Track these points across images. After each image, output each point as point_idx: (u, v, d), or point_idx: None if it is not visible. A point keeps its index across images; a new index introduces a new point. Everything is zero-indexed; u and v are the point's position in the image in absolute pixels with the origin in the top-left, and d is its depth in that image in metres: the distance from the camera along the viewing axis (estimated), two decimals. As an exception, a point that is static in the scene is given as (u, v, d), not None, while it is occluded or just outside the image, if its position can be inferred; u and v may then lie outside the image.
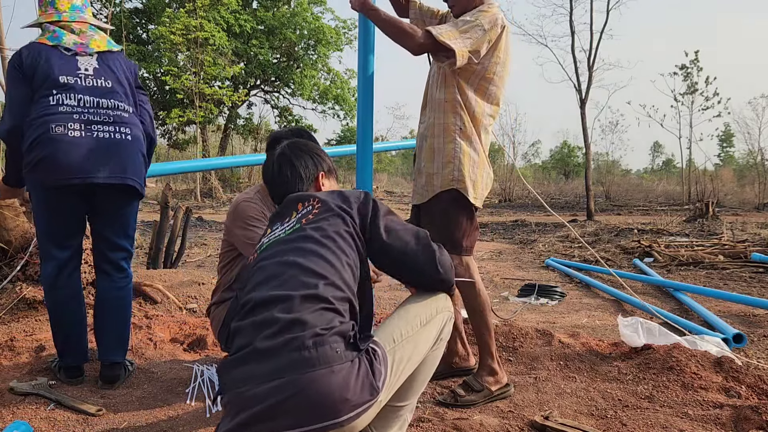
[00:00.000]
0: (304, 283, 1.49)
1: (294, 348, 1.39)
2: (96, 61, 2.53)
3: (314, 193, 1.78)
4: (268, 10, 25.74)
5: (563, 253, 8.55)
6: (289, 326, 1.42)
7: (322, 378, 1.37)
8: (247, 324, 1.49)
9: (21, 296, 3.58)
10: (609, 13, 17.83)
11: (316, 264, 1.53)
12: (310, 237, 1.59)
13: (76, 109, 2.40)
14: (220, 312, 2.44)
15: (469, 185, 2.41)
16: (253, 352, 1.43)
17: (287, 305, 1.46)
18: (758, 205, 20.86)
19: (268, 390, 1.37)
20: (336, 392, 1.37)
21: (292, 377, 1.37)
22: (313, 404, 1.36)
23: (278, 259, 1.59)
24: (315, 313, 1.45)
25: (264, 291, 1.52)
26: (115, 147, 2.45)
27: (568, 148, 40.12)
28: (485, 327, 2.46)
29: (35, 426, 1.99)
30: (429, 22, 2.65)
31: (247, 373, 1.41)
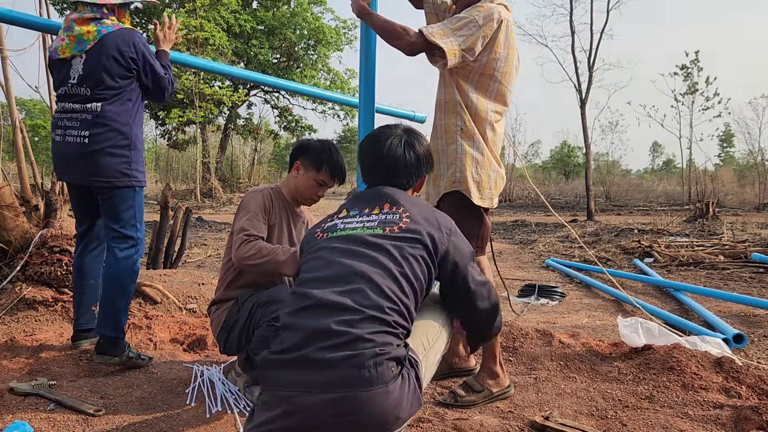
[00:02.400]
0: (373, 302, 1.50)
1: (354, 365, 1.41)
2: (82, 65, 2.73)
3: (404, 203, 1.75)
4: (268, 10, 25.73)
5: (563, 254, 8.55)
6: (350, 343, 1.44)
7: (379, 397, 1.41)
8: (301, 325, 1.50)
9: (21, 296, 3.58)
10: (609, 13, 17.85)
11: (389, 286, 1.55)
12: (390, 254, 1.60)
13: (61, 115, 2.76)
14: (220, 314, 2.44)
15: (472, 187, 2.37)
16: (306, 359, 1.44)
17: (350, 319, 1.46)
18: (758, 205, 20.85)
19: (322, 402, 1.39)
20: (391, 411, 1.43)
21: (349, 394, 1.39)
22: (368, 423, 1.41)
23: (352, 263, 1.58)
24: (377, 334, 1.47)
25: (328, 291, 1.52)
26: (76, 150, 2.69)
27: (568, 148, 40.12)
28: None
29: (35, 426, 1.99)
30: (442, 16, 2.61)
31: (298, 379, 1.43)
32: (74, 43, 2.72)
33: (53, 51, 2.78)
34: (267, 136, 31.18)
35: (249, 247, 2.27)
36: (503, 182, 2.51)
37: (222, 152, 28.50)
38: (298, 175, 2.52)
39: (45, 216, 4.14)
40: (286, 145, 33.48)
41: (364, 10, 2.46)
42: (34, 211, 4.13)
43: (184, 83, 20.85)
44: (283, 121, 28.00)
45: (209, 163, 24.85)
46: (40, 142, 28.41)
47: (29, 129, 23.21)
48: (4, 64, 3.95)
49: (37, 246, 3.84)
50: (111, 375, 2.55)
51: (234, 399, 2.31)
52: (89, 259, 2.96)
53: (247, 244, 2.28)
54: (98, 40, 2.69)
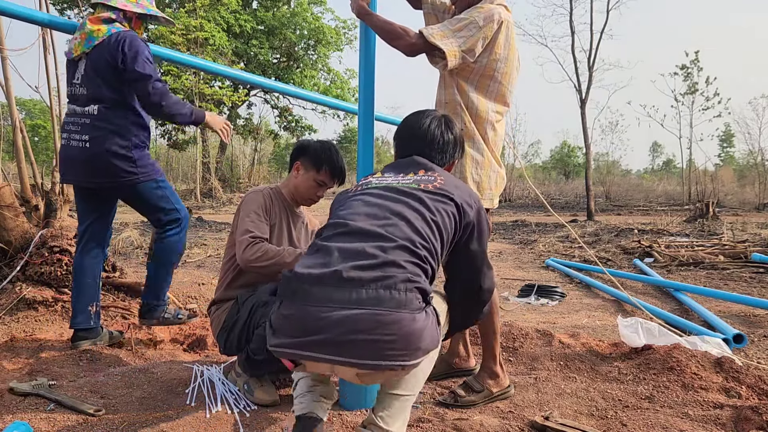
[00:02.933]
0: (407, 235, 1.57)
1: (384, 286, 1.46)
2: (84, 65, 2.78)
3: (438, 171, 1.85)
4: (268, 10, 25.74)
5: (563, 254, 8.55)
6: (383, 265, 1.49)
7: (405, 320, 1.44)
8: (334, 247, 1.54)
9: (21, 296, 3.58)
10: (609, 13, 17.87)
11: (421, 226, 1.62)
12: (423, 202, 1.67)
13: (67, 118, 2.84)
14: (220, 314, 2.44)
15: (471, 187, 2.36)
16: (337, 275, 1.47)
17: (385, 245, 1.53)
18: (758, 205, 20.86)
19: (348, 317, 1.42)
20: (414, 337, 1.45)
21: (377, 311, 1.43)
22: (390, 342, 1.42)
23: (387, 204, 1.66)
24: (408, 263, 1.52)
25: (364, 223, 1.60)
26: (77, 154, 2.76)
27: (568, 148, 40.13)
28: (492, 330, 2.43)
29: (35, 426, 1.99)
30: (441, 17, 2.61)
31: (327, 295, 1.45)
32: (84, 40, 2.75)
33: (68, 51, 2.83)
34: (267, 136, 31.19)
35: (255, 250, 2.27)
36: (504, 182, 2.51)
37: (222, 152, 28.50)
38: (298, 175, 2.53)
39: (45, 216, 4.14)
40: (286, 145, 33.48)
41: (364, 10, 2.46)
42: (34, 211, 4.13)
43: (184, 83, 20.85)
44: (283, 121, 28.01)
45: (209, 163, 24.86)
46: (40, 142, 28.41)
47: (29, 129, 23.21)
48: (4, 64, 3.95)
49: (37, 246, 3.84)
50: (111, 375, 2.54)
51: (234, 399, 2.30)
52: (89, 258, 2.97)
53: (253, 247, 2.28)
54: (103, 39, 2.71)
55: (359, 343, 1.42)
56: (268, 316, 2.20)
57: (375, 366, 1.44)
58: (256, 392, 2.31)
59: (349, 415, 2.15)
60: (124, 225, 10.79)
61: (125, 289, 4.16)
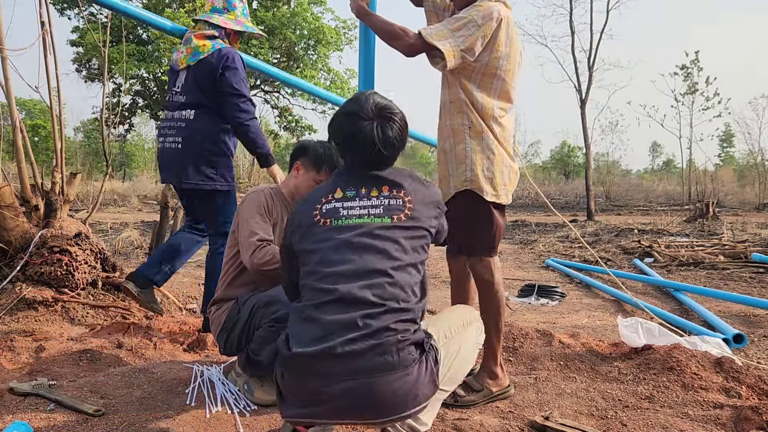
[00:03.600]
0: (393, 295, 1.61)
1: (378, 353, 1.53)
2: (186, 75, 3.06)
3: (404, 184, 1.79)
4: (268, 10, 25.73)
5: (563, 254, 8.55)
6: (374, 333, 1.55)
7: (400, 380, 1.54)
8: (325, 319, 1.58)
9: (21, 296, 3.58)
10: (609, 13, 17.87)
11: (402, 277, 1.65)
12: (401, 245, 1.68)
13: (163, 123, 3.10)
14: (220, 314, 2.44)
15: (484, 184, 2.34)
16: (332, 351, 1.53)
17: (372, 312, 1.57)
18: (758, 205, 20.86)
19: (347, 389, 1.52)
20: (410, 392, 1.55)
21: (374, 379, 1.52)
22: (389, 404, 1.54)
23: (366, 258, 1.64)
24: (397, 323, 1.58)
25: (349, 286, 1.60)
26: (172, 155, 3.03)
27: (568, 148, 40.11)
28: (495, 330, 2.42)
29: (35, 426, 1.99)
30: (442, 15, 2.59)
31: (324, 369, 1.53)
32: (190, 54, 3.03)
33: (174, 62, 3.12)
34: (267, 136, 31.16)
35: (263, 253, 2.27)
36: (517, 177, 2.49)
37: (222, 152, 28.44)
38: (298, 175, 2.52)
39: (45, 216, 4.14)
40: (286, 145, 33.48)
41: (363, 10, 2.46)
42: (34, 211, 4.13)
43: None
44: (283, 121, 28.00)
45: (209, 163, 24.82)
46: (40, 142, 28.40)
47: (29, 129, 23.21)
48: (4, 64, 3.95)
49: (37, 246, 3.84)
50: (111, 375, 2.54)
51: (234, 399, 2.30)
52: (188, 234, 3.30)
53: (261, 250, 2.28)
54: (208, 55, 2.98)
55: (362, 408, 1.54)
56: (268, 316, 2.21)
57: (381, 423, 1.58)
58: (256, 392, 2.31)
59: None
60: (124, 225, 10.79)
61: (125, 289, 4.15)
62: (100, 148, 25.77)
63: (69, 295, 3.76)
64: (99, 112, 19.32)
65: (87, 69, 25.09)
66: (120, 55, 18.72)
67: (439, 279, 6.36)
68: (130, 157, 41.15)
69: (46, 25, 4.06)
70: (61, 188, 4.22)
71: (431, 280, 6.39)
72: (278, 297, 2.23)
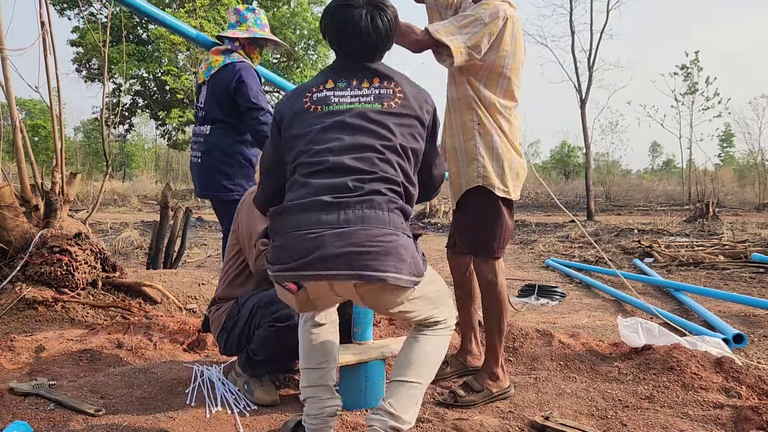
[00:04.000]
0: (383, 168, 1.66)
1: (369, 206, 1.58)
2: (206, 90, 3.19)
3: (394, 77, 1.82)
4: (268, 10, 25.74)
5: (563, 253, 8.55)
6: (366, 193, 1.60)
7: (390, 236, 1.57)
8: (316, 183, 1.62)
9: (21, 296, 3.58)
10: (609, 13, 17.87)
11: (392, 156, 1.69)
12: (391, 130, 1.72)
13: (192, 138, 3.29)
14: (220, 314, 2.44)
15: (495, 180, 2.34)
16: (322, 202, 1.58)
17: (365, 178, 1.62)
18: (758, 205, 20.87)
19: (335, 234, 1.54)
20: (400, 250, 1.58)
21: (363, 227, 1.55)
22: (379, 254, 1.54)
23: (358, 138, 1.68)
24: (389, 190, 1.64)
25: (340, 158, 1.64)
26: (195, 168, 3.24)
27: (568, 148, 40.12)
28: (498, 331, 2.42)
29: (35, 426, 1.99)
30: (444, 13, 2.58)
31: (315, 219, 1.57)
32: (206, 69, 3.17)
33: (197, 78, 3.29)
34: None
35: None
36: (525, 172, 2.49)
37: (222, 152, 28.45)
38: None
39: (45, 216, 4.14)
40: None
41: None
42: (34, 211, 4.13)
43: (184, 83, 20.85)
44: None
45: (209, 163, 24.82)
46: (40, 142, 28.41)
47: (29, 129, 23.22)
48: (4, 64, 3.95)
49: (37, 246, 3.84)
50: (111, 375, 2.54)
51: (234, 399, 2.30)
52: None
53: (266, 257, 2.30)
54: (219, 69, 3.07)
55: (353, 255, 1.53)
56: (268, 316, 2.21)
57: (368, 277, 1.54)
58: (256, 392, 2.31)
59: (349, 415, 2.15)
60: (124, 225, 10.80)
61: (125, 289, 4.15)
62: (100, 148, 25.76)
63: (69, 295, 3.76)
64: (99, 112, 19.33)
65: (87, 69, 25.09)
66: (120, 55, 18.73)
67: (439, 279, 6.36)
68: (130, 157, 41.16)
69: (46, 25, 4.06)
70: (61, 188, 4.21)
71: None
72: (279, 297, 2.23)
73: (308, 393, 1.87)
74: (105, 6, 22.71)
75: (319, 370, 1.87)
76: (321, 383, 1.86)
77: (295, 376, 2.57)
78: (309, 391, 1.87)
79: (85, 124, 41.74)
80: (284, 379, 2.56)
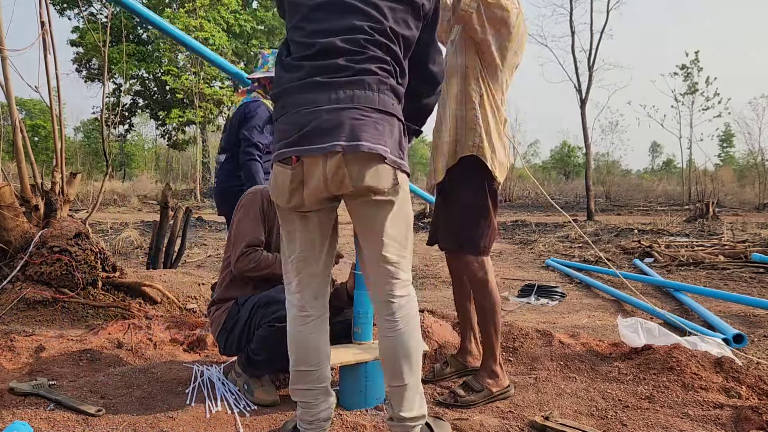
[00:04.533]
0: (371, 48, 1.69)
1: (359, 87, 1.64)
2: (227, 125, 3.64)
3: None
4: (268, 10, 25.73)
5: (563, 254, 8.55)
6: (357, 72, 1.65)
7: (378, 115, 1.65)
8: (308, 65, 1.68)
9: (21, 296, 3.58)
10: (609, 13, 17.87)
11: (380, 37, 1.71)
12: (382, 11, 1.73)
13: None
14: (219, 314, 2.44)
15: (487, 152, 2.35)
16: (314, 82, 1.65)
17: (356, 58, 1.66)
18: (758, 205, 20.87)
19: (329, 109, 1.62)
20: (387, 131, 1.66)
21: (354, 106, 1.63)
22: (365, 129, 1.62)
23: (348, 19, 1.70)
24: (378, 68, 1.68)
25: (331, 40, 1.68)
26: (214, 191, 3.98)
27: (568, 148, 40.13)
28: (493, 328, 2.42)
29: (35, 426, 1.99)
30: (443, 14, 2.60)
31: (310, 98, 1.64)
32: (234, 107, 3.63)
33: None
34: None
35: (248, 260, 2.34)
36: (507, 162, 2.50)
37: (222, 152, 28.45)
38: None
39: (45, 216, 4.14)
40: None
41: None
42: (34, 211, 4.13)
43: (184, 83, 20.85)
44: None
45: (209, 163, 24.86)
46: (40, 142, 28.41)
47: (29, 129, 23.22)
48: (4, 64, 3.95)
49: (37, 246, 3.84)
50: (111, 375, 2.54)
51: (234, 399, 2.30)
52: None
53: (247, 257, 2.35)
54: (239, 107, 3.44)
55: (344, 128, 1.61)
56: (268, 316, 2.21)
57: (359, 146, 1.60)
58: (256, 392, 2.31)
59: (348, 415, 2.15)
60: (124, 225, 10.80)
61: (125, 289, 4.16)
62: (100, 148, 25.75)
63: (69, 295, 3.76)
64: (99, 112, 19.34)
65: (87, 69, 25.11)
66: (120, 55, 18.74)
67: (439, 279, 6.36)
68: (130, 157, 41.16)
69: (46, 25, 4.06)
70: (61, 188, 4.22)
71: (431, 279, 6.39)
72: (278, 297, 2.23)
73: (301, 397, 1.85)
74: (105, 6, 22.71)
75: (311, 372, 1.85)
76: (316, 386, 1.85)
77: (295, 376, 2.57)
78: (302, 395, 1.85)
79: (85, 124, 41.78)
80: (284, 379, 2.55)
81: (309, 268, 1.84)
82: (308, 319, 1.86)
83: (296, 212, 1.79)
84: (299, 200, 1.74)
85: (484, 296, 2.42)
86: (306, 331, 1.85)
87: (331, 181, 1.66)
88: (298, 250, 1.83)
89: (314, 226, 1.82)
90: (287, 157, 1.67)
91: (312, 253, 1.84)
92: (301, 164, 1.67)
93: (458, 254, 2.49)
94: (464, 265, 2.44)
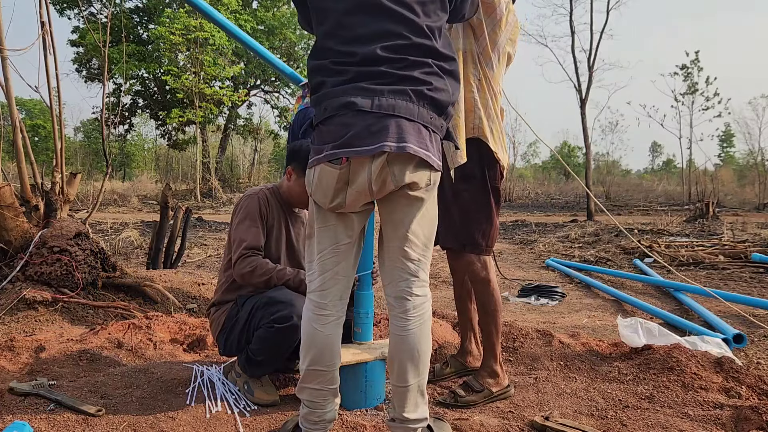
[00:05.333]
0: (411, 53, 1.71)
1: (402, 97, 1.67)
2: None
3: None
4: (268, 10, 25.74)
5: (563, 254, 8.55)
6: (400, 79, 1.68)
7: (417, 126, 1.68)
8: (353, 70, 1.69)
9: (21, 296, 3.58)
10: (609, 13, 17.89)
11: (418, 38, 1.73)
12: (413, 10, 1.73)
13: None
14: (219, 315, 2.44)
15: (488, 132, 2.34)
16: (358, 87, 1.67)
17: (395, 65, 1.69)
18: (758, 205, 20.87)
19: (370, 114, 1.65)
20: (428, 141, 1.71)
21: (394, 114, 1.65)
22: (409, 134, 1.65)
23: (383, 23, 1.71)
24: (421, 73, 1.71)
25: (372, 48, 1.70)
26: None
27: (568, 148, 40.14)
28: (494, 328, 2.43)
29: (35, 426, 1.99)
30: None
31: (354, 103, 1.66)
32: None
33: None
34: (267, 136, 31.19)
35: (245, 264, 2.32)
36: (507, 157, 2.48)
37: (222, 152, 28.50)
38: (290, 180, 2.49)
39: (45, 216, 4.14)
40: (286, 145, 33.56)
41: None
42: (34, 211, 4.13)
43: (184, 83, 20.86)
44: (284, 121, 28.01)
45: (209, 163, 24.86)
46: (40, 142, 28.42)
47: (29, 129, 23.22)
48: (4, 64, 3.95)
49: (37, 246, 3.84)
50: (111, 375, 2.54)
51: (234, 399, 2.30)
52: None
53: (245, 260, 2.33)
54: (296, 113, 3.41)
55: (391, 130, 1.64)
56: (268, 317, 2.21)
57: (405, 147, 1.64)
58: (256, 392, 2.31)
59: (349, 415, 2.15)
60: (124, 225, 10.80)
61: (125, 289, 4.16)
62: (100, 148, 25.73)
63: (69, 295, 3.76)
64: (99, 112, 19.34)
65: (87, 69, 25.11)
66: (120, 55, 18.73)
67: (439, 279, 6.36)
68: (130, 157, 41.15)
69: (46, 25, 4.06)
70: (61, 188, 4.22)
71: (431, 279, 6.39)
72: (278, 297, 2.23)
73: (310, 396, 1.84)
74: (105, 6, 22.71)
75: (325, 373, 1.83)
76: (327, 387, 1.84)
77: (295, 376, 2.57)
78: (311, 395, 1.84)
79: (85, 124, 41.77)
80: (284, 379, 2.56)
81: (337, 267, 1.84)
82: (328, 319, 1.84)
83: (335, 212, 1.80)
84: (342, 200, 1.75)
85: (486, 296, 2.42)
86: (326, 331, 1.83)
87: (375, 181, 1.69)
88: (328, 248, 1.82)
89: (349, 226, 1.84)
90: (338, 157, 1.68)
91: (344, 254, 1.85)
92: (348, 165, 1.70)
93: (460, 253, 2.49)
94: (466, 264, 2.44)
